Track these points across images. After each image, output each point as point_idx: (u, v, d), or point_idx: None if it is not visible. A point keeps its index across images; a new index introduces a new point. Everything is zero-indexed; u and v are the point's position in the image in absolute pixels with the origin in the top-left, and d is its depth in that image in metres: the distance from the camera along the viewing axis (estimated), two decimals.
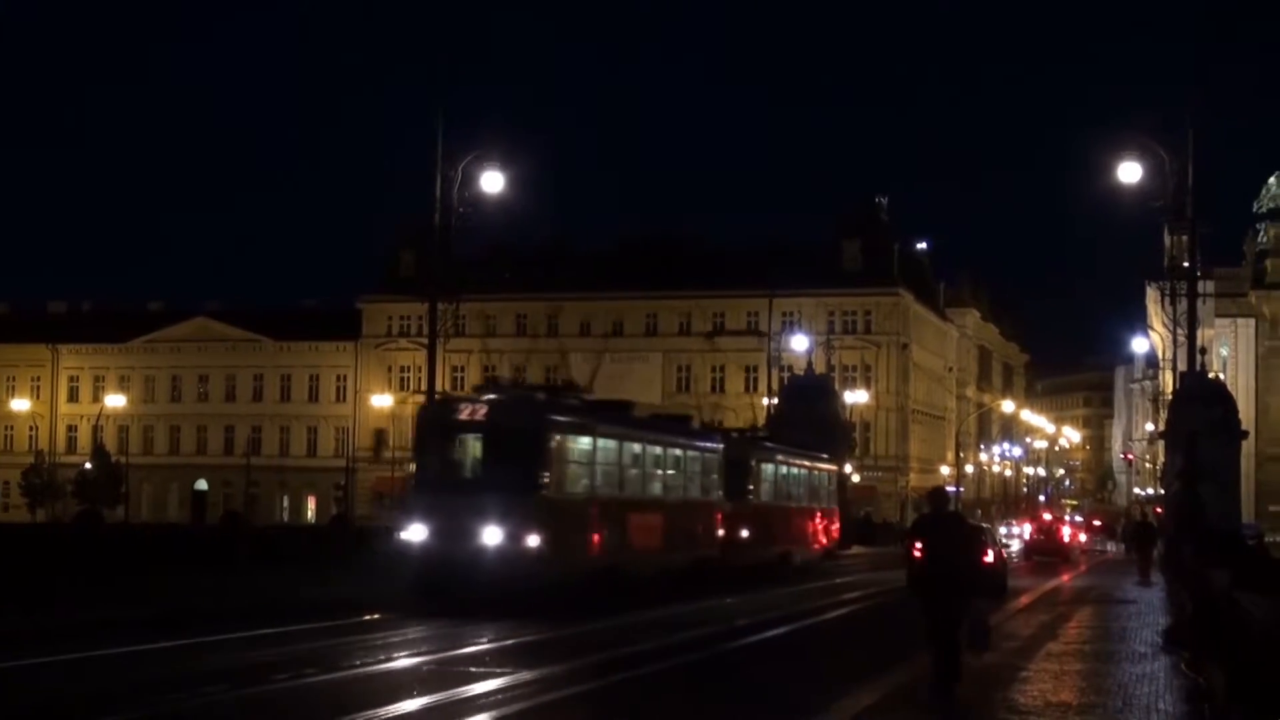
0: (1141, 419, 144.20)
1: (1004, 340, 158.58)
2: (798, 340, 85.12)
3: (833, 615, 31.00)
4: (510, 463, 27.27)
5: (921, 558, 15.82)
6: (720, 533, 37.05)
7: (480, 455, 28.39)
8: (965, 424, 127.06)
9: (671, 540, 33.80)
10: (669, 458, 34.70)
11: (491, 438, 27.98)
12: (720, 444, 38.62)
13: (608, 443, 30.65)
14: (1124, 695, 16.56)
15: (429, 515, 27.20)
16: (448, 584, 26.11)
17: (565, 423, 29.16)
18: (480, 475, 28.06)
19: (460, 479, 28.20)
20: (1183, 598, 27.21)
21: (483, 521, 26.52)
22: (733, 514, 38.30)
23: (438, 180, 38.62)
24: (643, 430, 33.86)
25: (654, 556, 32.58)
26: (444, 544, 26.57)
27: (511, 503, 26.70)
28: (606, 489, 30.30)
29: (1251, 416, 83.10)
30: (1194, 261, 43.78)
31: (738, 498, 39.20)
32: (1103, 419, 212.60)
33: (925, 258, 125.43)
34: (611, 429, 31.11)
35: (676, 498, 34.74)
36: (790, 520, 44.91)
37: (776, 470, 44.52)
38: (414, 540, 27.19)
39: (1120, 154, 40.84)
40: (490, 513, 26.58)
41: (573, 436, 29.28)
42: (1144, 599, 35.54)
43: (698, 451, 36.88)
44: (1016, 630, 24.89)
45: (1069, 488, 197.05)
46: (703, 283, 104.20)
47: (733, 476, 38.67)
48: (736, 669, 20.51)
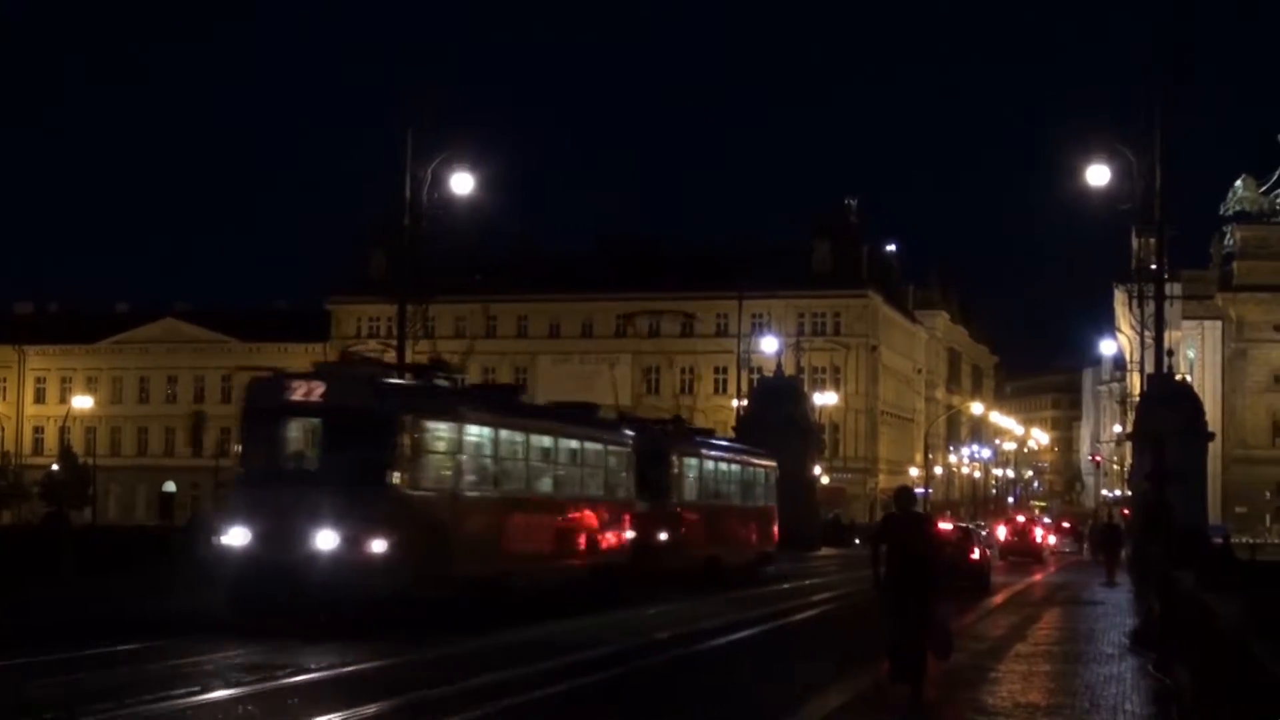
0: (1109, 421, 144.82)
1: (973, 342, 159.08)
2: (767, 342, 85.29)
3: (758, 630, 26.34)
4: (353, 451, 22.94)
5: (887, 559, 15.66)
6: (631, 536, 32.64)
7: (316, 442, 23.89)
8: (934, 426, 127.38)
9: (566, 545, 29.66)
10: (562, 450, 30.08)
11: (330, 421, 23.49)
12: (630, 435, 34.21)
13: (479, 430, 26.12)
14: (1091, 696, 16.62)
15: (252, 515, 22.64)
16: (273, 598, 21.57)
17: (423, 405, 24.53)
18: (315, 467, 23.50)
19: (291, 471, 23.57)
20: (1150, 599, 27.32)
21: (316, 522, 22.07)
22: (648, 515, 33.96)
23: (407, 181, 38.57)
24: (527, 418, 29.25)
25: (542, 564, 28.07)
26: (269, 549, 22.02)
27: (353, 500, 22.34)
28: (479, 485, 25.93)
29: (1218, 418, 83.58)
30: (1161, 264, 43.99)
31: (655, 497, 34.87)
32: (1071, 421, 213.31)
33: (894, 260, 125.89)
34: (484, 415, 26.47)
35: (573, 496, 30.22)
36: (719, 521, 39.76)
37: (702, 466, 39.46)
38: (234, 545, 22.50)
39: (1089, 157, 41.07)
40: (325, 511, 22.15)
41: (433, 422, 24.45)
42: (1111, 600, 35.69)
43: (600, 444, 32.14)
44: (986, 631, 24.96)
45: (1037, 489, 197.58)
46: (673, 284, 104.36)
47: (648, 473, 34.42)
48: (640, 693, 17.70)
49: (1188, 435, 43.84)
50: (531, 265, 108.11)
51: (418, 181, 38.59)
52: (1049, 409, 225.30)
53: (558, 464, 29.90)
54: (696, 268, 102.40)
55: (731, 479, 42.35)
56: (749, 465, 44.51)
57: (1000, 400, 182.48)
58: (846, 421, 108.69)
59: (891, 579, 15.62)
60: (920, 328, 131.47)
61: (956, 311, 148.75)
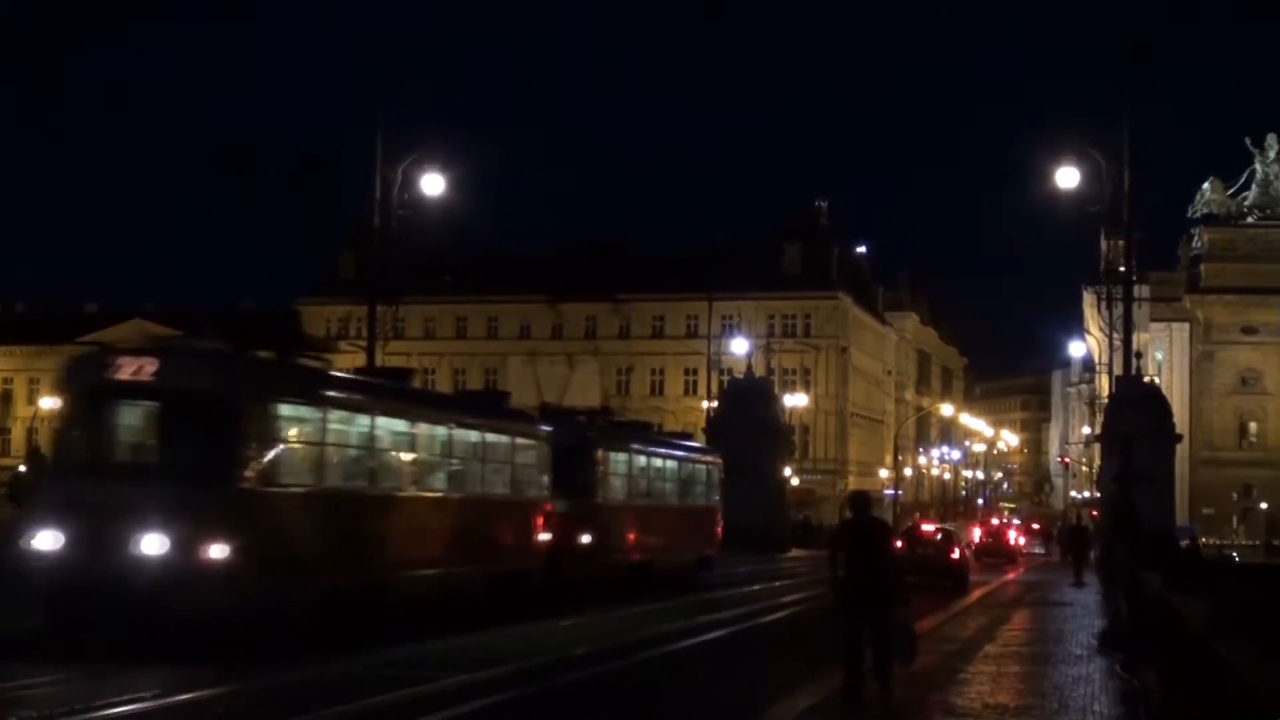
0: (1078, 422, 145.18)
1: (942, 344, 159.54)
2: (737, 343, 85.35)
3: (693, 643, 23.67)
4: (190, 440, 19.77)
5: (845, 565, 15.48)
6: (546, 539, 29.12)
7: (147, 430, 20.58)
8: (904, 427, 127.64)
9: (462, 550, 25.41)
10: (459, 443, 26.22)
11: (164, 405, 20.08)
12: (545, 428, 30.46)
13: (351, 417, 22.53)
14: (1060, 697, 16.67)
15: (66, 515, 19.07)
16: (91, 612, 18.26)
17: (277, 387, 20.95)
18: (145, 458, 20.27)
19: (115, 463, 20.14)
20: (1118, 600, 27.42)
21: (141, 523, 18.62)
22: (567, 516, 30.41)
23: (377, 182, 38.52)
24: (411, 405, 25.37)
25: (430, 572, 24.03)
26: (85, 555, 18.55)
27: (187, 497, 18.93)
28: (349, 480, 22.12)
29: (1186, 420, 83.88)
30: (1130, 266, 44.20)
31: (576, 495, 31.31)
32: (1040, 422, 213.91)
33: (864, 262, 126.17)
34: (356, 400, 22.97)
35: (472, 495, 26.54)
36: (652, 523, 36.42)
37: (632, 462, 36.00)
38: (44, 550, 18.91)
39: (1058, 159, 41.27)
40: (153, 511, 18.75)
41: (291, 406, 20.88)
42: (1080, 601, 35.86)
43: (507, 436, 28.55)
44: (955, 633, 25.02)
45: (1007, 490, 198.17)
46: (642, 286, 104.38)
47: (569, 469, 30.78)
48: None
49: (1155, 437, 44.00)
50: (501, 267, 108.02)
51: (387, 182, 38.56)
52: (1018, 410, 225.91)
53: (453, 458, 26.05)
54: (667, 269, 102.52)
55: (667, 476, 39.09)
56: (688, 461, 41.17)
57: (970, 402, 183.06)
58: (816, 423, 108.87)
59: (849, 585, 15.44)
60: (890, 329, 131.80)
61: (926, 313, 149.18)
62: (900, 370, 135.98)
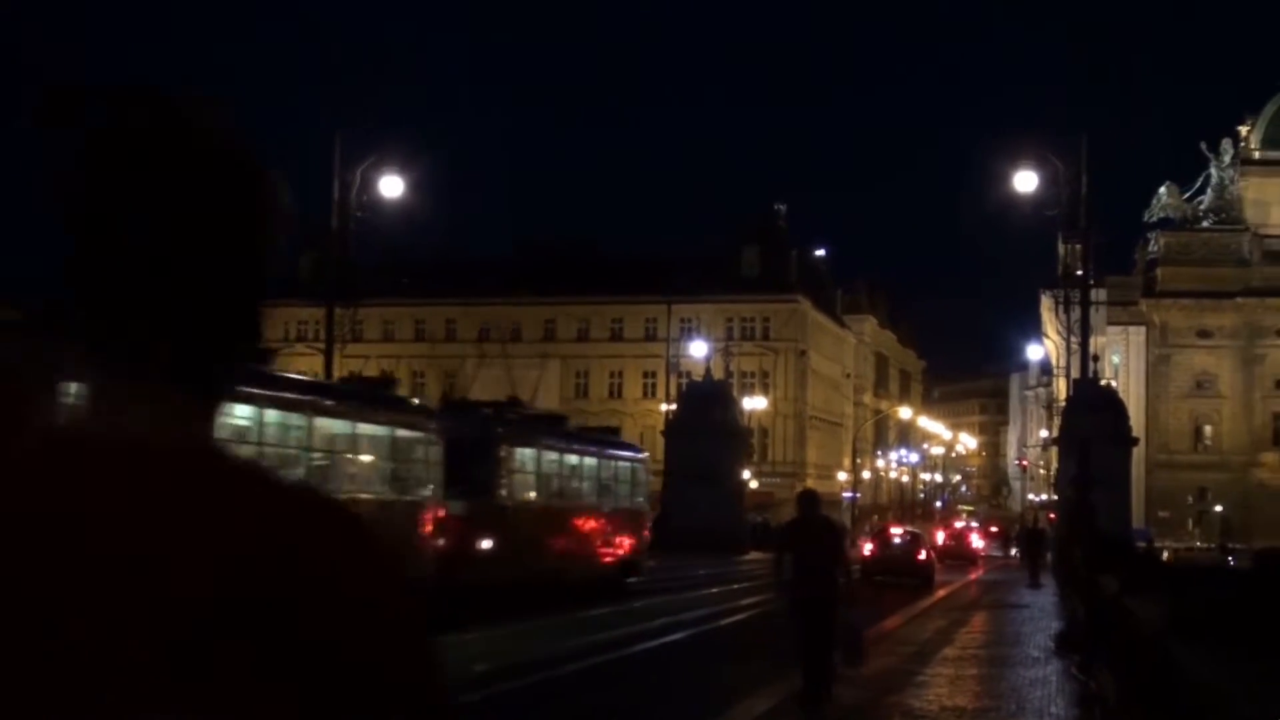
0: (1036, 425, 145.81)
1: (901, 347, 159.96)
2: (696, 346, 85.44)
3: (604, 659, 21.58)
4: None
5: (794, 567, 14.81)
6: (438, 544, 26.26)
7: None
8: (862, 430, 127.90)
9: None
10: (319, 435, 23.77)
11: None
12: (434, 421, 27.93)
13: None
14: (1017, 699, 16.75)
15: None
16: None
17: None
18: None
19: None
20: (1074, 603, 27.54)
21: None
22: (465, 519, 27.68)
23: (335, 184, 38.46)
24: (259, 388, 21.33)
25: None
26: None
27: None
28: None
29: (1142, 423, 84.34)
30: (1087, 270, 44.52)
31: (475, 496, 28.50)
32: (998, 425, 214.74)
33: (823, 265, 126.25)
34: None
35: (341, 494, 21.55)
36: (568, 526, 34.17)
37: (543, 459, 32.94)
38: None
39: (1016, 164, 41.50)
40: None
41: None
42: (1037, 604, 36.01)
43: (384, 428, 26.02)
44: (913, 635, 25.09)
45: (965, 493, 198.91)
46: (601, 289, 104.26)
47: (467, 467, 28.02)
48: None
49: (1112, 440, 44.27)
50: (460, 269, 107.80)
51: (346, 184, 38.49)
52: (976, 414, 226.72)
53: (313, 451, 23.48)
54: (625, 272, 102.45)
55: (585, 475, 36.22)
56: (610, 459, 38.35)
57: (928, 405, 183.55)
58: (775, 426, 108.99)
59: (796, 586, 14.81)
60: (849, 333, 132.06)
61: (885, 316, 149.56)
62: (859, 373, 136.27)
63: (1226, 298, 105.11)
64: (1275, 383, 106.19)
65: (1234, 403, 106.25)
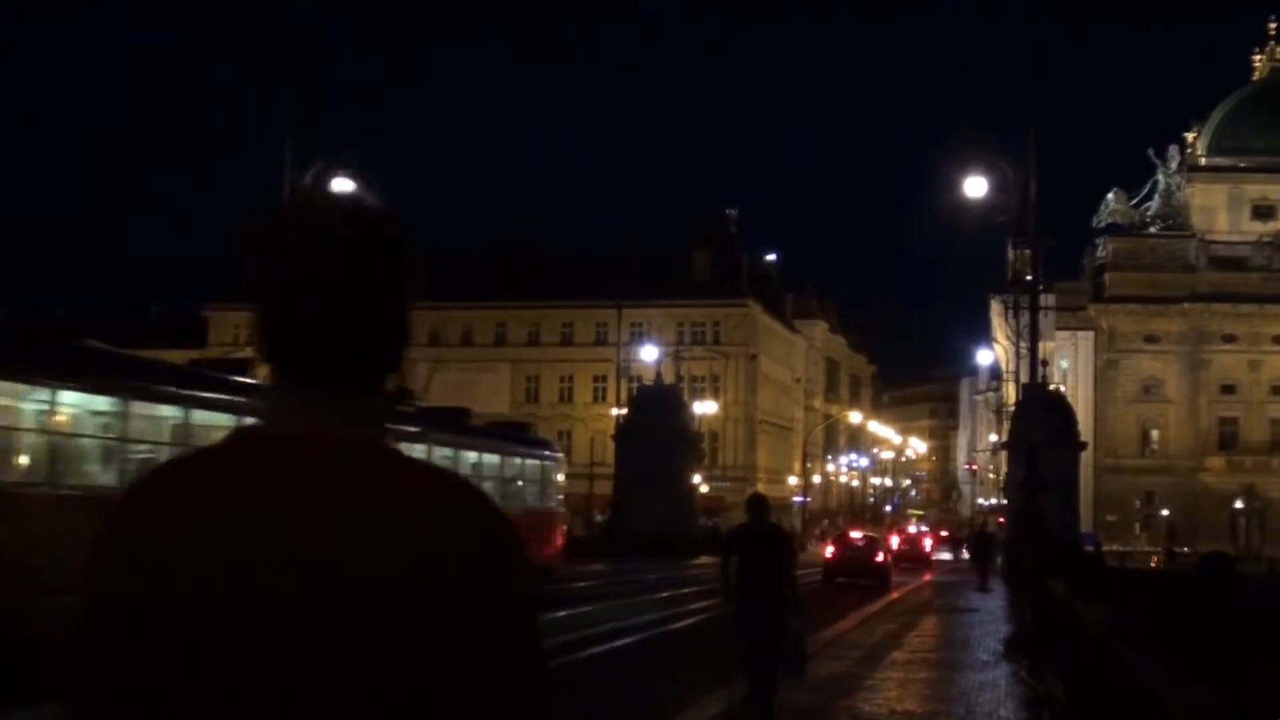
0: (985, 430, 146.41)
1: (851, 352, 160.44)
2: (646, 351, 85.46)
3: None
4: None
5: (739, 572, 14.42)
6: None
7: None
8: (813, 434, 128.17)
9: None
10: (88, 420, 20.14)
11: None
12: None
13: None
14: (966, 703, 16.80)
15: None
16: None
17: None
18: None
19: None
20: (1023, 606, 27.68)
21: None
22: None
23: (286, 187, 38.30)
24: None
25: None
26: None
27: None
28: None
29: (1090, 428, 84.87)
30: (1036, 275, 44.76)
31: None
32: (948, 430, 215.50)
33: (774, 269, 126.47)
34: None
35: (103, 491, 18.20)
36: None
37: (431, 455, 27.53)
38: None
39: (966, 170, 41.65)
40: None
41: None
42: (986, 607, 36.17)
43: (182, 407, 21.38)
44: (863, 639, 25.14)
45: (915, 498, 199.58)
46: (552, 293, 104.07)
47: None
48: None
49: (1061, 445, 44.50)
50: None
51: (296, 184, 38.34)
52: (926, 418, 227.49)
53: (108, 439, 19.90)
54: (576, 276, 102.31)
55: (484, 474, 32.98)
56: (516, 456, 35.83)
57: (878, 409, 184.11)
58: (726, 430, 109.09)
59: (743, 592, 14.47)
60: (799, 337, 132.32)
61: (835, 321, 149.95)
62: (809, 378, 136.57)
63: (1173, 303, 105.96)
64: (1221, 388, 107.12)
65: (1180, 408, 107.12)
